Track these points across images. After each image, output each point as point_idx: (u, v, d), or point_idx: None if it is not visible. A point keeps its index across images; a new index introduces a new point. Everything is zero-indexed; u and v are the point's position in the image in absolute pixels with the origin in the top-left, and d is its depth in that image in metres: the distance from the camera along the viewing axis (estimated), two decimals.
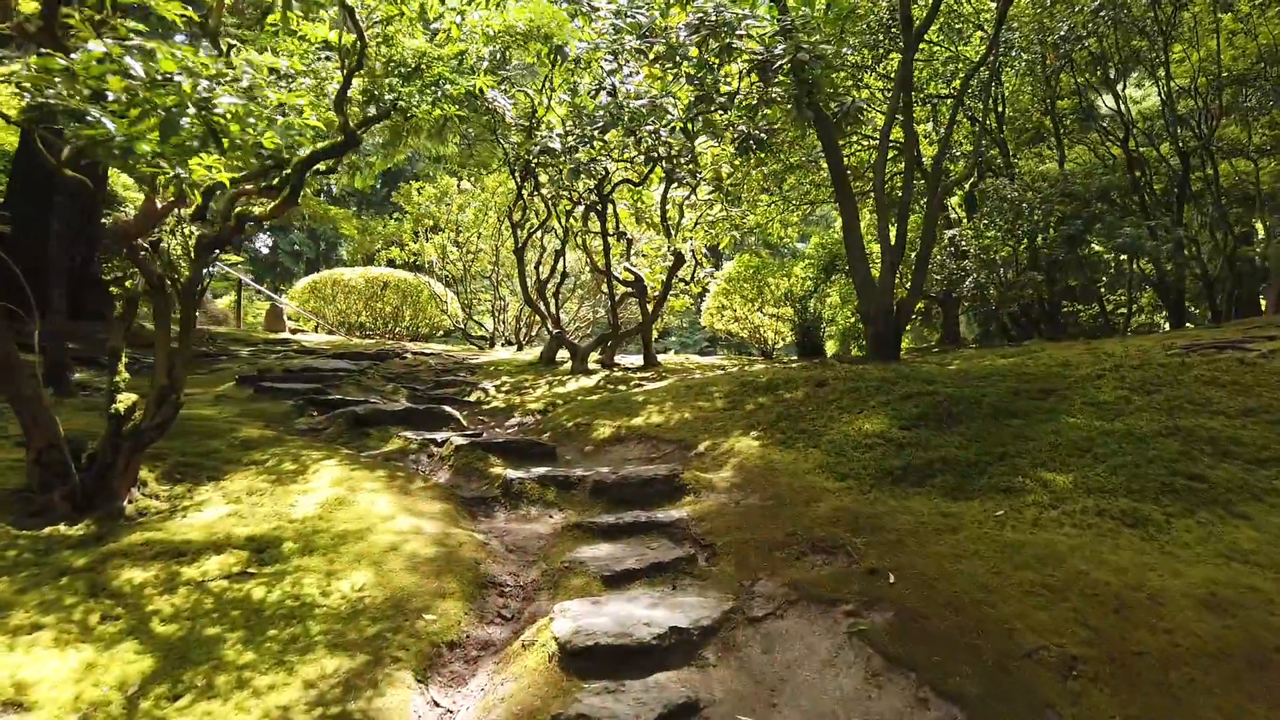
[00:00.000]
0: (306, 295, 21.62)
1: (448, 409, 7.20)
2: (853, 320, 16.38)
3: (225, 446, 5.82)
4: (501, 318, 18.74)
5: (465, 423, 7.16)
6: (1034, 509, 4.30)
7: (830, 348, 18.86)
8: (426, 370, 9.88)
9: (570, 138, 7.48)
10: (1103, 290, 14.09)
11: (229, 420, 6.55)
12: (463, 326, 18.51)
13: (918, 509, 4.44)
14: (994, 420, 5.56)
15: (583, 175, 7.15)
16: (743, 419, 6.28)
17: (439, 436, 6.27)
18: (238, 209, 4.59)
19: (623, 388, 8.46)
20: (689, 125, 8.15)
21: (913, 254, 10.01)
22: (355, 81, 4.93)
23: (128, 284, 19.09)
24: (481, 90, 6.55)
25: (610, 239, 10.84)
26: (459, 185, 18.42)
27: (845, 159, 11.23)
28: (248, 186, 4.61)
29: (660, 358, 14.14)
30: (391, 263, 20.30)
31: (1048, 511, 4.26)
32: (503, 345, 17.50)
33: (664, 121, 7.66)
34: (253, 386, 7.95)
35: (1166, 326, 16.87)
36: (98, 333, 11.77)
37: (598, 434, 6.50)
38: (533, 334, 19.21)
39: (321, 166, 4.95)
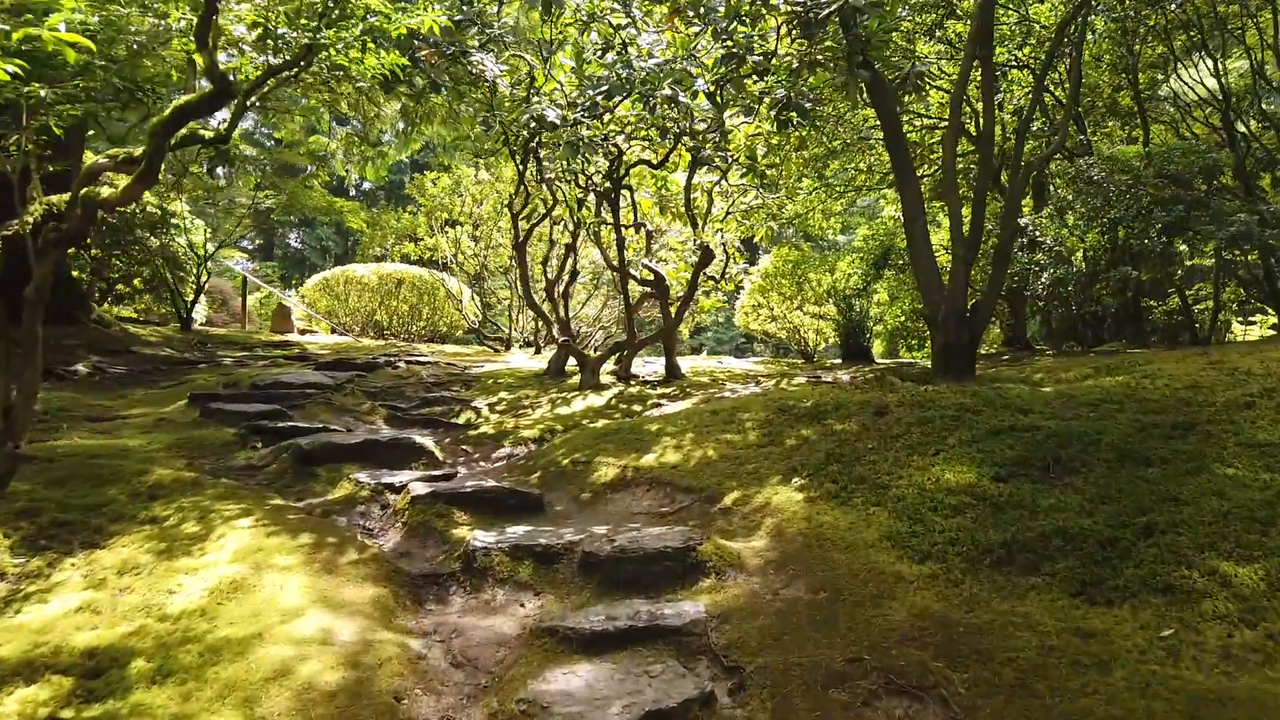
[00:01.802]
0: (319, 293, 20.60)
1: (420, 438, 5.91)
2: (902, 319, 14.93)
3: (125, 496, 4.60)
4: (518, 318, 17.49)
5: (441, 455, 5.88)
6: (1218, 626, 2.90)
7: (878, 348, 17.39)
8: (416, 383, 8.63)
9: (572, 109, 6.16)
10: (1179, 284, 12.46)
11: (148, 455, 5.33)
12: (479, 327, 17.29)
13: (1038, 618, 3.06)
14: (1120, 469, 4.14)
15: (584, 154, 5.82)
16: (781, 459, 4.91)
17: (399, 479, 4.99)
18: (85, 191, 3.32)
19: (637, 408, 7.13)
20: (718, 93, 6.81)
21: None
22: (240, 8, 3.66)
23: (122, 286, 17.89)
24: (463, 50, 5.26)
25: (628, 231, 9.50)
26: (476, 175, 17.20)
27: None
28: (103, 161, 3.34)
29: (688, 362, 12.80)
30: (406, 258, 19.15)
31: (1240, 631, 2.86)
32: (520, 347, 16.25)
33: (686, 87, 6.30)
34: (201, 407, 6.75)
35: (1236, 326, 15.15)
36: (64, 339, 10.69)
37: (599, 476, 5.17)
38: (551, 335, 17.93)
39: (206, 134, 3.69)
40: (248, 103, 3.56)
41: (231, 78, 3.36)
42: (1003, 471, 4.27)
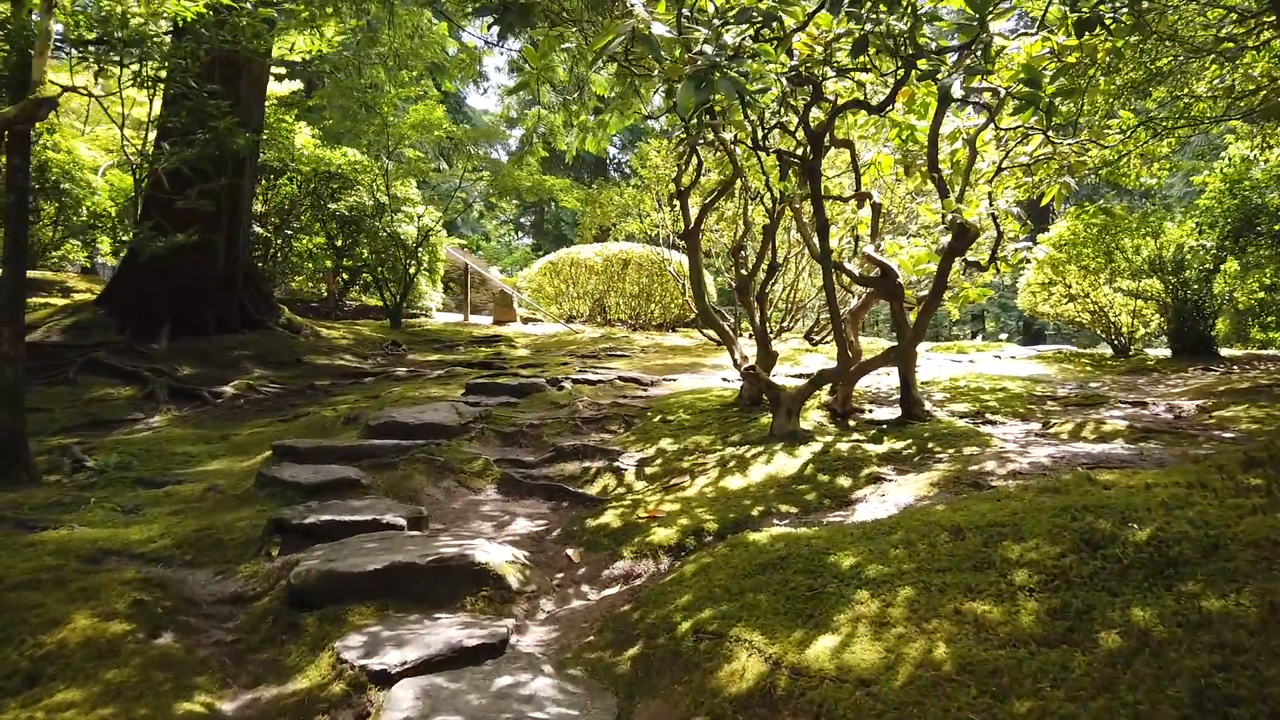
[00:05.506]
0: (545, 276, 19.64)
1: (483, 555, 3.86)
2: (1261, 295, 11.06)
3: None
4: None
5: (518, 580, 3.83)
6: None
7: (1220, 328, 13.28)
8: (567, 418, 6.70)
9: (724, 20, 3.82)
10: None
11: (105, 578, 3.77)
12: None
13: None
14: None
15: (712, 95, 3.38)
16: (1090, 693, 2.34)
17: (404, 656, 3.00)
18: None
19: (842, 482, 4.66)
20: None
21: None
22: None
23: (367, 275, 17.76)
24: None
25: (834, 208, 6.95)
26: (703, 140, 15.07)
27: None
28: None
29: (948, 367, 9.94)
30: (630, 237, 17.56)
31: None
32: (749, 338, 14.02)
33: None
34: (261, 472, 5.23)
35: None
36: (236, 349, 9.94)
37: (729, 675, 2.88)
38: (792, 323, 15.48)
39: None
40: None
41: None
42: None
